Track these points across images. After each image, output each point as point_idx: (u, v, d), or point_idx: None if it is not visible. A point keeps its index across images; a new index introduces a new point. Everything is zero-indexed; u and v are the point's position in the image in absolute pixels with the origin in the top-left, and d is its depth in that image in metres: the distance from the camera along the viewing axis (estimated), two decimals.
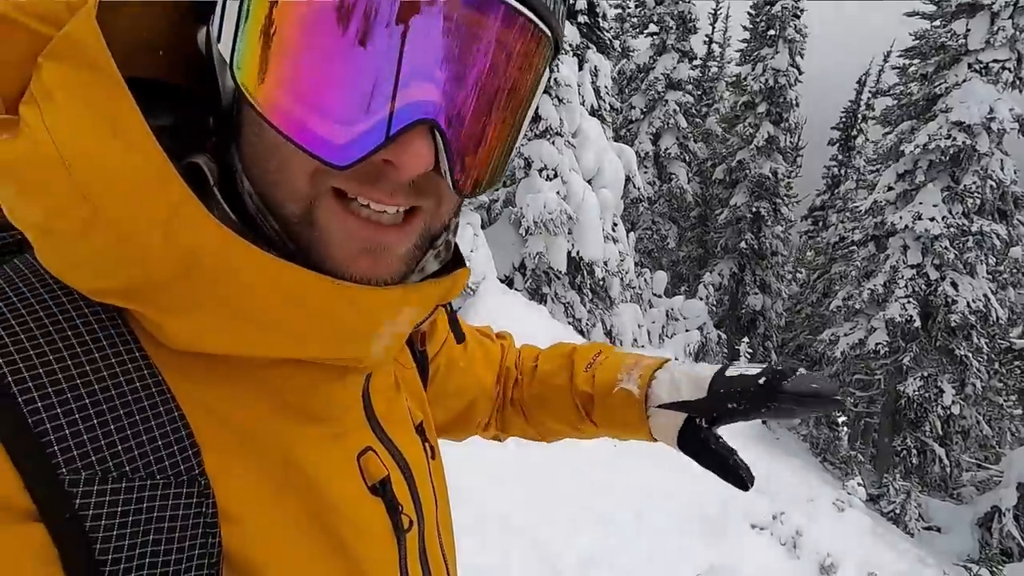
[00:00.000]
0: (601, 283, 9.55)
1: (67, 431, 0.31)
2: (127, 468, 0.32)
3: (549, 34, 0.38)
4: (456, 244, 0.49)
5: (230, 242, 0.33)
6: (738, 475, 0.65)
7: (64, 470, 0.30)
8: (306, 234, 0.37)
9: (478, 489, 3.73)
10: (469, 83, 0.34)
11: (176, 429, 0.34)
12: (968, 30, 11.55)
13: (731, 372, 0.68)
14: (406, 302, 0.40)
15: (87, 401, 0.32)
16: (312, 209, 0.36)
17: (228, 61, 0.34)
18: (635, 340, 10.34)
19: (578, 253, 8.78)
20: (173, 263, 0.32)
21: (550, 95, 8.36)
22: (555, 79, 8.33)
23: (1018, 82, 11.50)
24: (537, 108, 0.47)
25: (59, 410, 0.31)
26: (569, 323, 8.78)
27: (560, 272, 8.83)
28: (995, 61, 11.39)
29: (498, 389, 0.81)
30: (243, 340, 0.36)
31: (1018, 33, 11.17)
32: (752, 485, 0.64)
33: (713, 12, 19.31)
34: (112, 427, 0.32)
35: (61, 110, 0.32)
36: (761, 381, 0.64)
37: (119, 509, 0.31)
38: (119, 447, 0.32)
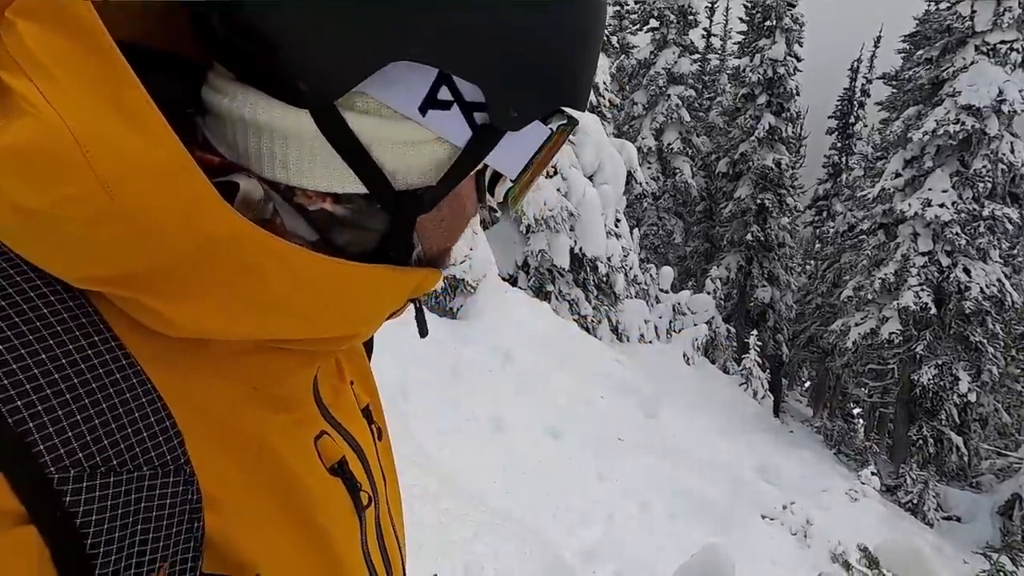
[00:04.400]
0: (605, 279, 9.53)
1: (51, 429, 0.30)
2: (114, 461, 0.31)
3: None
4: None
5: (247, 230, 0.33)
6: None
7: (52, 469, 0.29)
8: None
9: (481, 483, 3.73)
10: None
11: (160, 419, 0.34)
12: (974, 11, 11.41)
13: None
14: (398, 286, 0.42)
15: (68, 397, 0.31)
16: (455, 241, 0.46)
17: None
18: (642, 335, 10.30)
19: (581, 249, 8.77)
20: (187, 252, 0.32)
21: None
22: None
23: None
24: None
25: (40, 408, 0.30)
26: (574, 319, 8.76)
27: (563, 269, 8.82)
28: (1003, 42, 11.24)
29: None
30: (247, 324, 0.36)
31: None
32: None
33: (710, 5, 19.24)
34: (96, 421, 0.31)
35: (65, 89, 0.29)
36: None
37: (108, 503, 0.31)
38: (105, 441, 0.31)
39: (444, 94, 0.37)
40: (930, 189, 11.69)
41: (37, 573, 0.30)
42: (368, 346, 0.66)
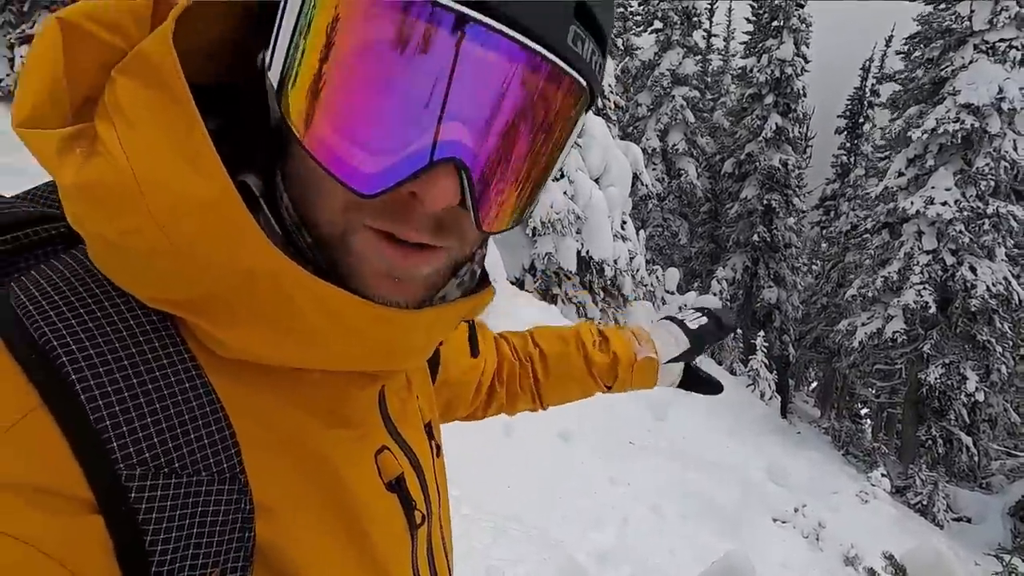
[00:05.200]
0: (612, 281, 9.53)
1: (124, 428, 0.33)
2: (176, 465, 0.34)
3: (586, 86, 0.39)
4: (484, 269, 0.51)
5: (285, 267, 0.35)
6: (719, 385, 0.96)
7: (121, 465, 0.32)
8: (338, 253, 0.39)
9: (494, 488, 3.75)
10: (500, 128, 0.36)
11: (220, 428, 0.36)
12: (972, 11, 11.38)
13: (690, 324, 0.94)
14: (439, 322, 0.43)
15: (142, 400, 0.34)
16: (347, 237, 0.39)
17: (275, 88, 0.36)
18: None
19: (588, 252, 8.78)
20: (233, 284, 0.35)
21: None
22: None
23: None
24: None
25: (117, 408, 0.33)
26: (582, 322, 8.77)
27: (570, 272, 8.83)
28: (1001, 40, 11.21)
29: (484, 378, 0.85)
30: (289, 353, 0.38)
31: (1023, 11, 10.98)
32: (722, 390, 0.97)
33: (710, 7, 19.22)
34: (164, 425, 0.34)
35: (137, 132, 0.33)
36: (716, 324, 0.94)
37: (168, 503, 0.34)
38: (170, 444, 0.34)
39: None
40: (933, 187, 11.64)
41: (100, 562, 0.32)
42: (434, 362, 0.67)
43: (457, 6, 0.33)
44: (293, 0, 0.35)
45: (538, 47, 0.35)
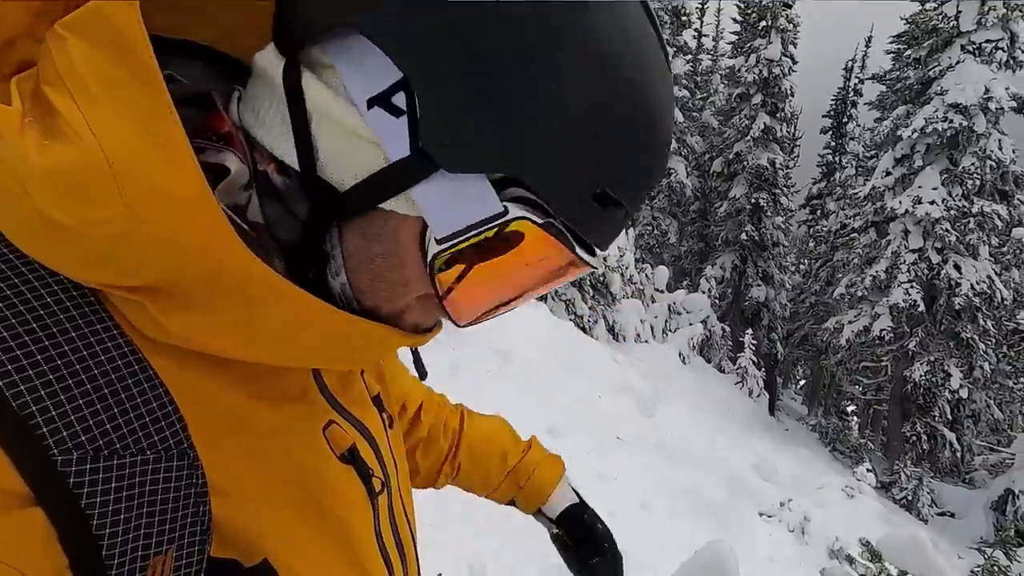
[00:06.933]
0: (601, 279, 9.55)
1: (54, 412, 0.31)
2: (118, 445, 0.32)
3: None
4: None
5: (255, 267, 0.34)
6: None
7: (55, 451, 0.31)
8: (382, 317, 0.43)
9: None
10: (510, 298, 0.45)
11: (162, 405, 0.35)
12: (959, 11, 11.53)
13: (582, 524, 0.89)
14: (393, 336, 0.43)
15: (70, 382, 0.32)
16: (403, 313, 0.42)
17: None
18: (638, 335, 10.32)
19: None
20: (198, 273, 0.34)
21: None
22: None
23: (1012, 61, 11.46)
24: None
25: (42, 392, 0.31)
26: (570, 319, 8.78)
27: None
28: (988, 41, 11.36)
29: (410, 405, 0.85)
30: (239, 348, 0.37)
31: (1009, 12, 11.14)
32: None
33: (700, 6, 19.33)
34: (99, 406, 0.32)
35: (105, 113, 0.31)
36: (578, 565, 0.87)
37: (112, 486, 0.32)
38: (107, 425, 0.32)
39: (399, 100, 0.34)
40: (920, 187, 11.79)
41: (45, 554, 0.31)
42: None
43: (581, 253, 0.39)
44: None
45: (588, 257, 0.40)
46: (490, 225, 0.36)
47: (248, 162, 0.40)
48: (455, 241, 0.37)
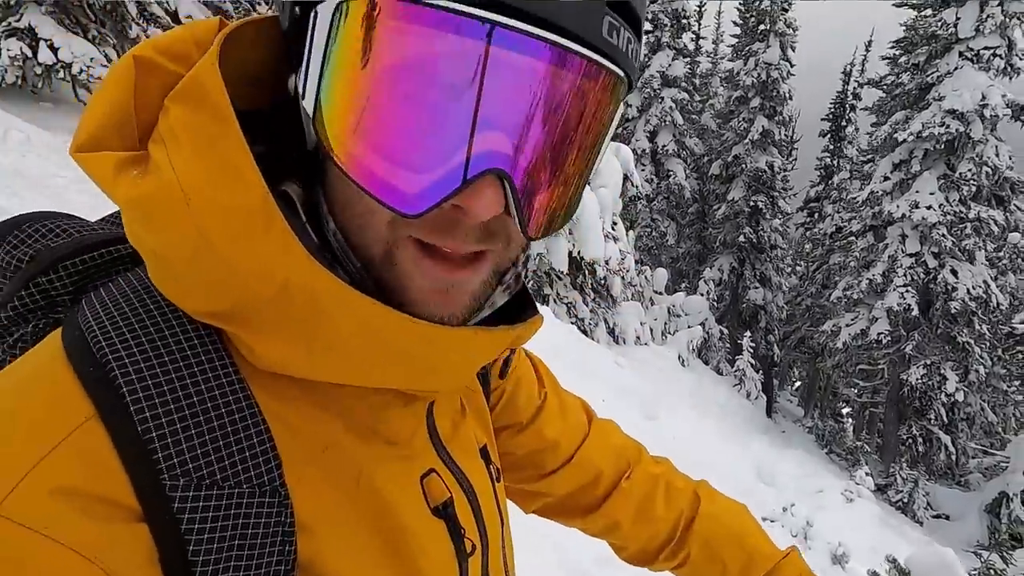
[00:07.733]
0: (603, 282, 9.57)
1: (169, 440, 0.33)
2: (218, 476, 0.34)
3: (623, 76, 0.38)
4: (530, 296, 0.51)
5: (322, 278, 0.35)
6: None
7: (166, 476, 0.33)
8: (386, 274, 0.39)
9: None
10: (540, 132, 0.35)
11: (262, 441, 0.36)
12: (958, 18, 11.61)
13: None
14: (477, 342, 0.42)
15: (187, 412, 0.34)
16: (392, 251, 0.38)
17: (311, 115, 0.36)
18: (638, 338, 10.36)
19: (579, 253, 8.80)
20: (270, 293, 0.35)
21: None
22: None
23: (1009, 69, 11.55)
24: None
25: (164, 420, 0.34)
26: (572, 322, 8.80)
27: (562, 272, 8.85)
28: (986, 48, 11.45)
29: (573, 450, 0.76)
30: (324, 367, 0.38)
31: (1007, 20, 11.23)
32: None
33: (698, 9, 19.39)
34: (207, 437, 0.35)
35: (184, 150, 0.35)
36: None
37: (210, 515, 0.34)
38: (212, 456, 0.34)
39: None
40: (917, 192, 11.87)
41: (146, 570, 0.32)
42: (487, 385, 0.64)
43: (485, 14, 0.32)
44: (320, 25, 0.35)
45: (570, 44, 0.34)
46: (330, 22, 0.34)
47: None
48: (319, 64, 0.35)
